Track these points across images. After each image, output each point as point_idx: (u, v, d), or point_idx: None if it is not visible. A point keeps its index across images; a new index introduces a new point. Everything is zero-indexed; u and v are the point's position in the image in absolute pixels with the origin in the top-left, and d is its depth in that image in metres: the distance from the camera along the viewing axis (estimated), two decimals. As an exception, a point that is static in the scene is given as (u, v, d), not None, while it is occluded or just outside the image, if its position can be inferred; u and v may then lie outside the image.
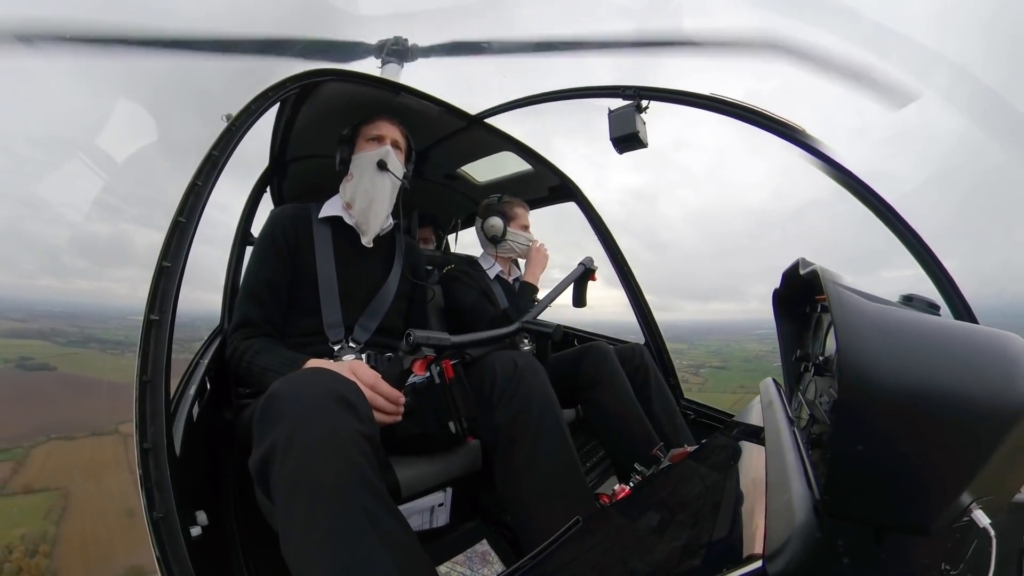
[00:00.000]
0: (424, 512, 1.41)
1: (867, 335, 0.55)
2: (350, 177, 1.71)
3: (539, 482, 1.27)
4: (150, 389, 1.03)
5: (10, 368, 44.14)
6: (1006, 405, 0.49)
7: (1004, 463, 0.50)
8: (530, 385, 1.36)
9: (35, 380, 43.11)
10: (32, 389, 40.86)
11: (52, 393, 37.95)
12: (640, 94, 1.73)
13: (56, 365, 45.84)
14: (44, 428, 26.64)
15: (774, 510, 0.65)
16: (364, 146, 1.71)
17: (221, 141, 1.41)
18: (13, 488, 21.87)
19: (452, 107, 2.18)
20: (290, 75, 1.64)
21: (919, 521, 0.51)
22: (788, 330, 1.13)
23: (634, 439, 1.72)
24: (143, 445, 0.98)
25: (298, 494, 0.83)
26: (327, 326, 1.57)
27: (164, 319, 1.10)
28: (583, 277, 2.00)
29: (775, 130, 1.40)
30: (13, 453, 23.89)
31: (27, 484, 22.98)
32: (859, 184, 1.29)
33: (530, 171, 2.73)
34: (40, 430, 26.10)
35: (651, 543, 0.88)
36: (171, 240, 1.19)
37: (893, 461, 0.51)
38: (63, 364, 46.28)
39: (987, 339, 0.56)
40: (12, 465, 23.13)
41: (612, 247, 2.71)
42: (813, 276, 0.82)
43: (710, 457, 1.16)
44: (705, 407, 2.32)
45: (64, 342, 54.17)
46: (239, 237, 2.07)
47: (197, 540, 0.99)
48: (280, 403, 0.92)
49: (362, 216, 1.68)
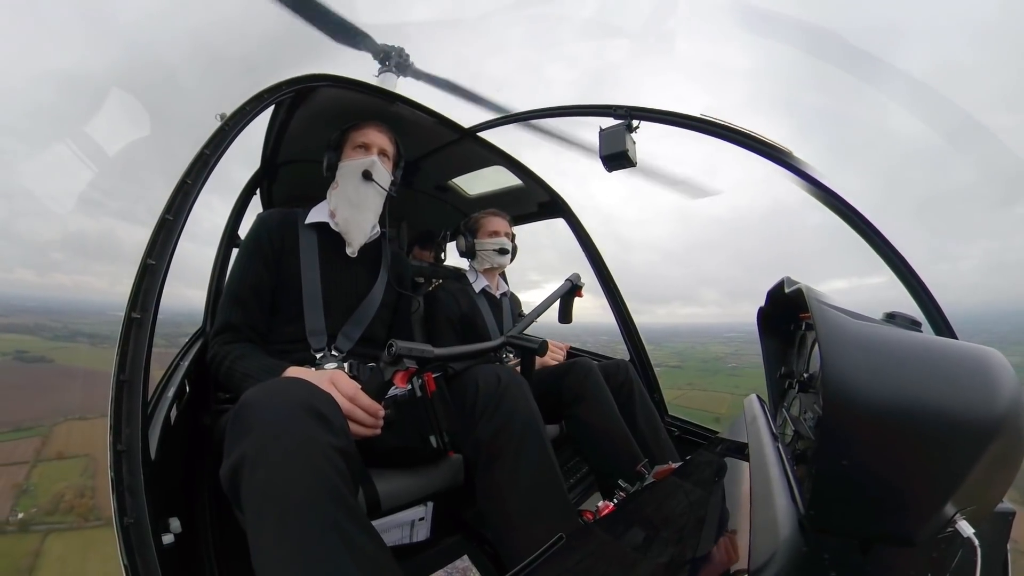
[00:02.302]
0: (404, 526, 1.38)
1: (851, 352, 0.55)
2: (335, 185, 1.70)
3: (521, 498, 1.25)
4: (127, 389, 1.00)
5: (9, 360, 45.78)
6: (986, 418, 0.51)
7: (986, 474, 0.51)
8: (513, 400, 1.35)
9: (37, 371, 44.71)
10: (37, 379, 42.60)
11: (57, 383, 39.03)
12: (631, 114, 1.77)
13: (52, 358, 47.71)
14: (60, 411, 29.50)
15: (759, 525, 0.65)
16: (351, 154, 1.70)
17: (213, 140, 1.39)
18: (48, 455, 26.33)
19: (446, 119, 2.20)
20: (286, 79, 1.64)
21: (905, 533, 0.52)
22: (773, 347, 1.14)
23: (618, 455, 1.71)
24: (117, 447, 0.95)
25: (267, 508, 0.81)
26: (309, 334, 1.54)
27: (146, 318, 1.07)
28: (569, 293, 2.01)
29: (763, 152, 1.44)
30: (38, 431, 28.06)
31: (60, 452, 27.01)
32: (844, 205, 1.33)
33: (520, 186, 2.76)
34: (57, 412, 29.17)
35: (635, 560, 0.87)
36: (157, 238, 1.17)
37: (878, 475, 0.51)
38: (58, 357, 48.00)
39: (967, 354, 0.57)
40: (41, 440, 27.59)
41: (599, 264, 2.73)
42: (798, 294, 0.83)
43: (695, 473, 1.16)
44: (690, 423, 2.33)
45: (51, 336, 54.84)
46: (225, 239, 2.04)
47: (169, 548, 0.95)
48: (251, 413, 0.90)
49: (345, 225, 1.66)
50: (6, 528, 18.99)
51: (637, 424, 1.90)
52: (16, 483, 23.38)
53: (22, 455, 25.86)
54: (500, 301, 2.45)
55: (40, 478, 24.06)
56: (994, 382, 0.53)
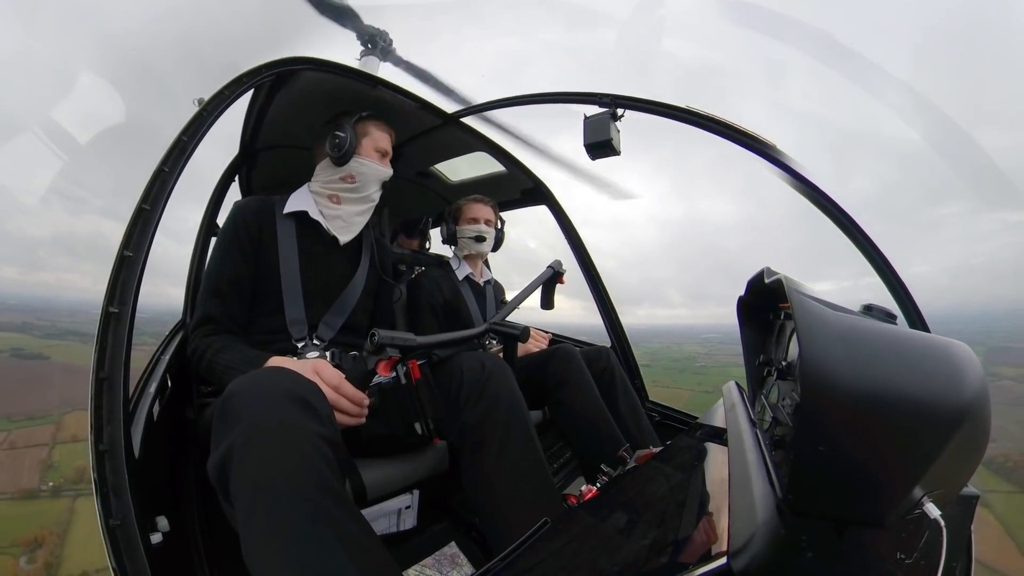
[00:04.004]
0: (391, 515, 1.39)
1: (828, 342, 0.57)
2: (349, 178, 1.64)
3: (507, 483, 1.27)
4: (107, 386, 0.97)
5: (6, 357, 46.38)
6: (953, 407, 0.53)
7: (952, 459, 0.54)
8: (498, 386, 1.36)
9: (36, 367, 45.31)
10: (38, 374, 43.31)
11: (57, 378, 39.43)
12: (616, 102, 1.76)
13: (48, 355, 48.17)
14: (66, 403, 30.30)
15: (738, 508, 0.67)
16: (372, 154, 1.66)
17: (191, 126, 1.34)
18: (64, 438, 27.68)
19: (429, 104, 2.17)
20: (266, 62, 1.59)
21: (876, 515, 0.54)
22: (752, 336, 1.17)
23: (601, 440, 1.75)
24: (99, 447, 0.92)
25: (257, 500, 0.81)
26: (290, 323, 1.52)
27: (124, 312, 1.04)
28: (551, 280, 2.02)
29: (746, 144, 1.45)
30: (50, 419, 29.58)
31: (74, 436, 28.03)
32: (825, 199, 1.36)
33: (503, 173, 2.74)
34: (63, 404, 30.06)
35: (618, 543, 0.89)
36: (134, 228, 1.12)
37: (851, 460, 0.54)
38: (54, 354, 48.22)
39: (937, 347, 0.60)
40: (55, 426, 29.03)
41: (581, 251, 2.74)
42: (777, 284, 0.85)
43: (675, 458, 1.19)
44: (670, 409, 2.38)
45: (41, 335, 54.53)
46: (204, 228, 1.98)
47: (157, 548, 0.94)
48: (237, 404, 0.89)
49: (349, 219, 1.67)
50: (41, 494, 22.11)
51: (619, 409, 1.94)
52: (41, 459, 25.49)
53: (40, 439, 27.72)
54: (484, 288, 2.45)
55: (61, 456, 25.65)
56: (961, 373, 0.56)
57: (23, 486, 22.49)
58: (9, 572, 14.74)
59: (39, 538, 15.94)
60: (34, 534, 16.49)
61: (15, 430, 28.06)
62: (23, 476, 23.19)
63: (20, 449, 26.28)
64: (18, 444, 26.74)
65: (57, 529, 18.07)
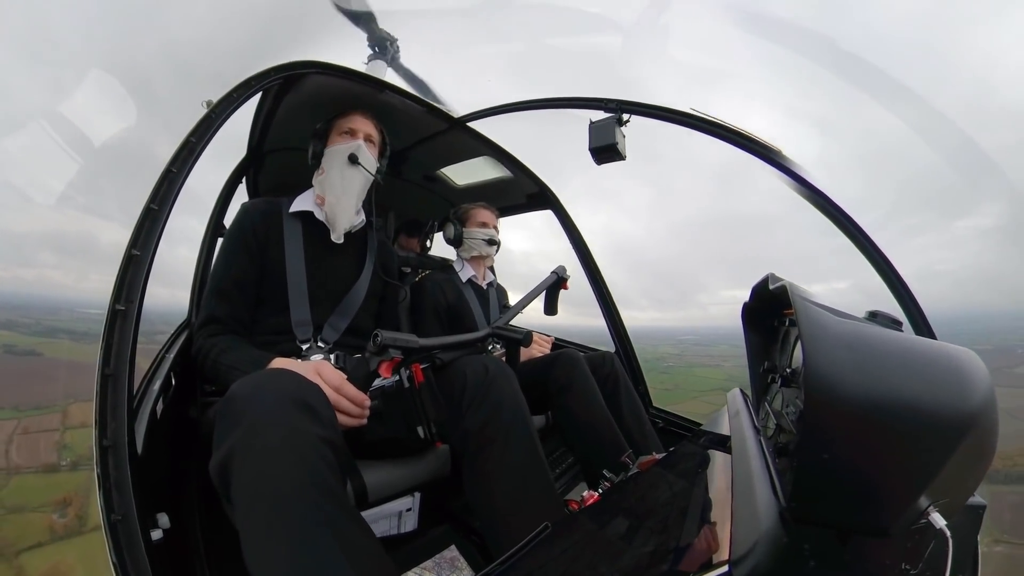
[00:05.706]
0: (392, 517, 1.38)
1: (833, 349, 0.57)
2: (322, 171, 1.68)
3: (508, 488, 1.26)
4: (112, 383, 0.98)
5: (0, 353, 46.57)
6: (959, 415, 0.52)
7: (958, 468, 0.53)
8: (500, 390, 1.36)
9: (32, 362, 45.43)
10: (35, 369, 43.69)
11: (54, 372, 40.49)
12: (622, 108, 1.76)
13: (41, 351, 48.50)
14: (68, 395, 31.10)
15: (740, 516, 0.66)
16: (336, 140, 1.69)
17: (200, 127, 1.36)
18: (73, 424, 27.95)
19: (435, 108, 2.18)
20: (274, 65, 1.61)
21: (881, 524, 0.54)
22: (756, 342, 1.16)
23: (603, 446, 1.74)
24: (103, 442, 0.93)
25: (258, 501, 0.81)
26: (295, 325, 1.52)
27: (131, 310, 1.05)
28: (555, 285, 2.01)
29: (752, 150, 1.45)
30: (56, 408, 30.34)
31: (82, 422, 28.75)
32: (832, 205, 1.35)
33: (509, 177, 2.74)
34: (66, 396, 30.80)
35: (620, 549, 0.89)
36: (141, 227, 1.14)
37: (857, 468, 0.53)
38: (46, 351, 48.68)
39: (943, 354, 0.59)
40: (61, 414, 29.70)
41: (586, 256, 2.74)
42: (782, 291, 0.84)
43: (678, 464, 1.18)
44: (674, 415, 2.36)
45: (29, 332, 55.75)
46: (211, 229, 2.00)
47: (158, 544, 0.94)
48: (240, 406, 0.89)
49: (331, 210, 1.64)
50: (61, 467, 23.02)
51: (622, 415, 1.92)
52: (56, 440, 26.29)
53: (50, 425, 28.66)
54: (487, 292, 2.44)
55: (73, 438, 26.49)
56: (968, 381, 0.55)
57: (44, 461, 23.80)
58: (46, 524, 16.13)
59: (67, 499, 17.18)
60: (63, 495, 17.72)
61: (24, 418, 29.10)
62: (42, 454, 24.38)
63: (34, 433, 27.21)
64: (31, 429, 27.66)
65: (81, 493, 19.12)
